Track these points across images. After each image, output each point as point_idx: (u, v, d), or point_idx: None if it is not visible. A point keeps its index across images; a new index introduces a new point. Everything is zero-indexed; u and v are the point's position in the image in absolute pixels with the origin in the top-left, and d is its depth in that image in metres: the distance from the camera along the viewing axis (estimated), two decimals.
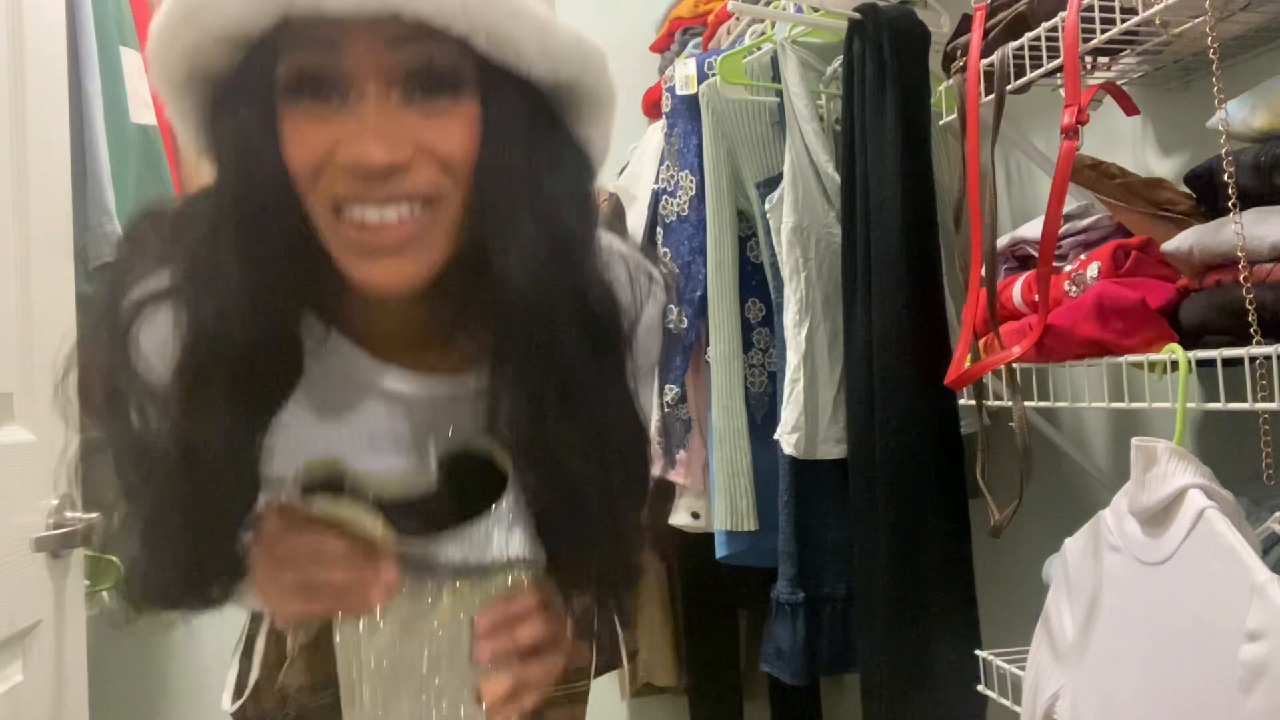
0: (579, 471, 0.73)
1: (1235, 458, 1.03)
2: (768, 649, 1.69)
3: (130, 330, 0.71)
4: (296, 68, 0.65)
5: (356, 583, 0.71)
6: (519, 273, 0.67)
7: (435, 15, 0.62)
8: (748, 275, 1.76)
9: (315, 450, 0.76)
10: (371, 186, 0.65)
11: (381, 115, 0.64)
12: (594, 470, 0.74)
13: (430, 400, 0.79)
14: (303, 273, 0.69)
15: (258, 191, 0.66)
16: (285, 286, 0.68)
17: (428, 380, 0.78)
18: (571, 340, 0.71)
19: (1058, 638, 1.05)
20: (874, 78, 1.46)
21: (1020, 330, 1.19)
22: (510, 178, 0.67)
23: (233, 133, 0.67)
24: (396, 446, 0.80)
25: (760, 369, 1.76)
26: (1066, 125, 1.05)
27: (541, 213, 0.68)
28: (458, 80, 0.66)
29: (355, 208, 0.66)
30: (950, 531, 1.41)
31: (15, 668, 1.11)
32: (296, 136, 0.65)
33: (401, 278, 0.68)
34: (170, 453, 0.69)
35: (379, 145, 0.63)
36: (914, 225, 1.42)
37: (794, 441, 1.59)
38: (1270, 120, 0.95)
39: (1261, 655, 0.76)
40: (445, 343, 0.77)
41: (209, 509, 0.72)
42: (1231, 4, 1.03)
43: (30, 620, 1.13)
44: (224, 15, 0.63)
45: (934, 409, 1.40)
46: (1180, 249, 1.02)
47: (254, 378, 0.69)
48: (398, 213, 0.66)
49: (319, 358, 0.74)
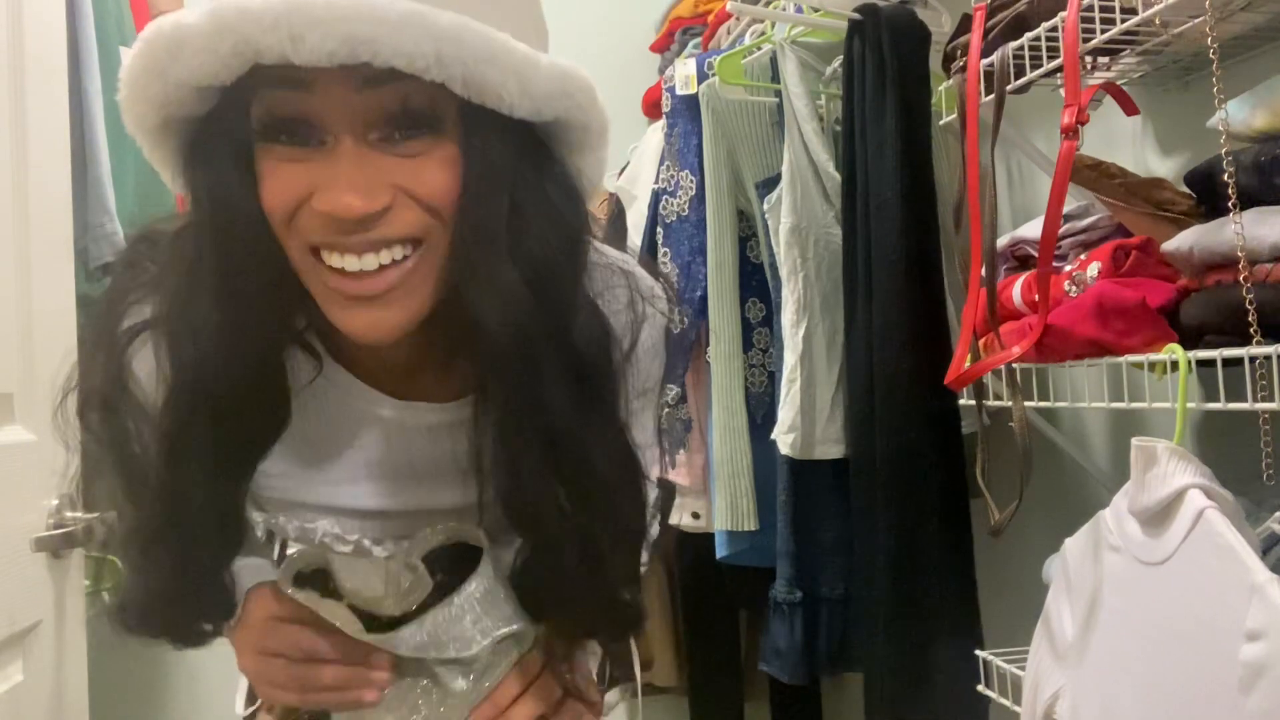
0: (558, 532, 0.72)
1: (1235, 458, 1.03)
2: (766, 648, 1.69)
3: (125, 355, 0.70)
4: (270, 111, 0.63)
5: (348, 680, 0.73)
6: (497, 319, 0.65)
7: (407, 65, 0.60)
8: (748, 275, 1.76)
9: (309, 486, 0.76)
10: (350, 235, 0.63)
11: (358, 162, 0.62)
12: (578, 526, 0.72)
13: (423, 429, 0.77)
14: (284, 313, 0.68)
15: (234, 234, 0.64)
16: (264, 330, 0.67)
17: (418, 408, 0.77)
18: (556, 385, 0.69)
19: (1058, 638, 1.05)
20: (874, 78, 1.46)
21: (1020, 330, 1.19)
22: (491, 220, 0.65)
23: (208, 176, 0.65)
24: (389, 475, 0.78)
25: (760, 369, 1.76)
26: (1066, 125, 1.05)
27: (524, 254, 0.66)
28: (437, 120, 0.64)
29: (334, 255, 0.64)
30: (951, 531, 1.41)
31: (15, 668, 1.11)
32: (272, 179, 0.64)
33: (384, 327, 0.66)
34: (159, 488, 0.69)
35: (356, 195, 0.62)
36: (914, 225, 1.42)
37: (790, 441, 1.59)
38: (1270, 120, 0.95)
39: (1261, 655, 0.76)
40: (436, 374, 0.76)
41: (195, 550, 0.72)
42: (1231, 4, 1.03)
43: (30, 620, 1.13)
44: (190, 68, 0.61)
45: (934, 409, 1.40)
46: (1180, 249, 1.02)
47: (237, 422, 0.68)
48: (378, 260, 0.64)
49: (313, 391, 0.73)
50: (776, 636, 1.66)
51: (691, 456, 1.82)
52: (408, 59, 0.59)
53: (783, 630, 1.65)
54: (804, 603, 1.64)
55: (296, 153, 0.63)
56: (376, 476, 0.78)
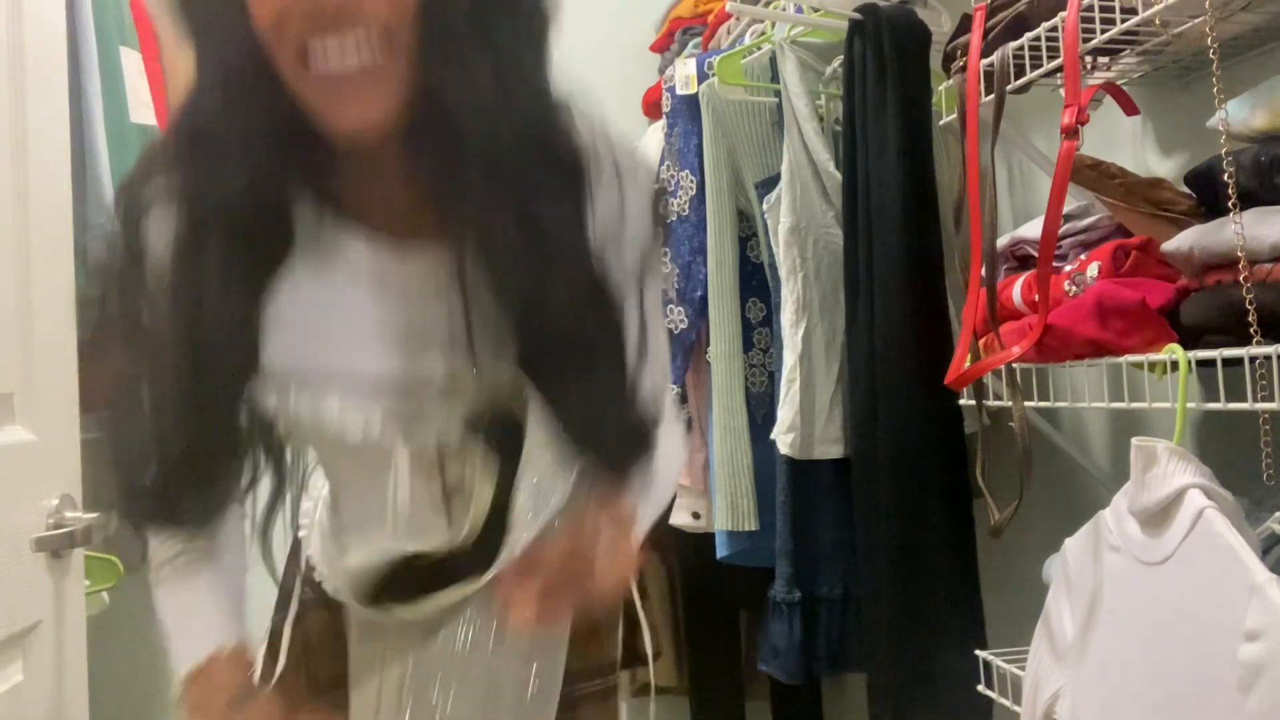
0: (545, 298, 0.73)
1: (1235, 458, 1.03)
2: (765, 648, 1.69)
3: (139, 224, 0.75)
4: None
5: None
6: (468, 96, 0.68)
7: None
8: (748, 275, 1.76)
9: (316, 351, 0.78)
10: (328, 22, 0.66)
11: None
12: (561, 303, 0.73)
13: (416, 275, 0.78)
14: (285, 135, 0.71)
15: (233, 55, 0.69)
16: (270, 147, 0.71)
17: (409, 248, 0.78)
18: (527, 171, 0.71)
19: (1058, 637, 1.05)
20: (874, 78, 1.46)
21: (1020, 330, 1.19)
22: (456, 10, 0.68)
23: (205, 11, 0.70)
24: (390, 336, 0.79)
25: (760, 369, 1.76)
26: (1066, 125, 1.05)
27: (487, 40, 0.69)
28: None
29: (317, 48, 0.67)
30: (953, 531, 1.41)
31: (15, 668, 1.11)
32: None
33: (369, 115, 0.69)
34: (174, 329, 0.73)
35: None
36: (914, 225, 1.42)
37: (790, 441, 1.59)
38: (1270, 120, 0.95)
39: (1260, 655, 0.76)
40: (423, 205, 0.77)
41: (211, 381, 0.73)
42: (1231, 4, 1.03)
43: (30, 620, 1.13)
44: None
45: (936, 409, 1.40)
46: (1180, 249, 1.02)
47: (248, 240, 0.72)
48: (357, 52, 0.67)
49: (313, 238, 0.76)
50: (775, 636, 1.66)
51: (692, 456, 1.82)
52: None
53: (782, 630, 1.65)
54: (803, 602, 1.64)
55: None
56: (378, 337, 0.79)
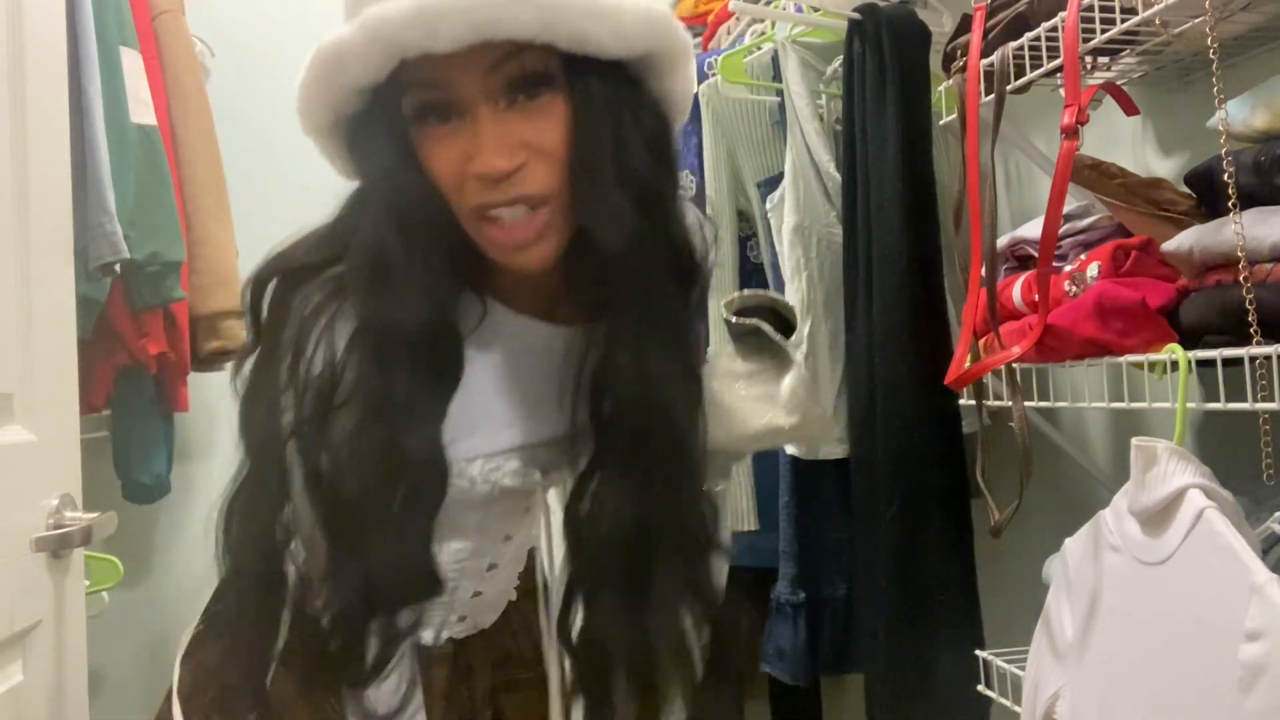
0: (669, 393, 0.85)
1: (1235, 458, 1.03)
2: (768, 649, 1.68)
3: (310, 338, 0.80)
4: (419, 100, 0.78)
5: None
6: (614, 236, 0.79)
7: (520, 34, 0.74)
8: (748, 275, 1.76)
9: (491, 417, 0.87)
10: (500, 190, 0.78)
11: (495, 127, 0.77)
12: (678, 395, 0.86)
13: (567, 345, 0.88)
14: (455, 265, 0.81)
15: (404, 200, 0.79)
16: (441, 278, 0.80)
17: (564, 330, 0.90)
18: (662, 282, 0.84)
19: (1058, 638, 1.05)
20: (874, 78, 1.46)
21: (1020, 330, 1.19)
22: (599, 152, 0.79)
23: (376, 155, 0.80)
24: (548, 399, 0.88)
25: None
26: (1066, 125, 1.05)
27: (628, 177, 0.79)
28: (549, 78, 0.78)
29: (491, 210, 0.78)
30: (953, 531, 1.41)
31: (15, 668, 1.11)
32: (434, 155, 0.79)
33: (536, 261, 0.81)
34: (360, 449, 0.77)
35: (499, 156, 0.76)
36: (914, 225, 1.42)
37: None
38: (1270, 120, 0.95)
39: (1261, 655, 0.76)
40: (575, 298, 0.89)
41: (406, 500, 0.79)
42: (1231, 4, 1.03)
43: (30, 620, 1.13)
44: (351, 73, 0.77)
45: (935, 409, 1.40)
46: (1180, 249, 1.02)
47: (423, 367, 0.80)
48: (526, 212, 0.78)
49: (481, 331, 0.86)
50: (779, 637, 1.66)
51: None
52: (520, 28, 0.74)
53: (786, 631, 1.64)
54: (807, 604, 1.64)
55: (446, 129, 0.78)
56: (531, 408, 0.89)
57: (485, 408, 0.87)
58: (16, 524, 1.11)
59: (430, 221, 0.79)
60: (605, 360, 0.84)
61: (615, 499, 0.85)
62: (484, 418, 0.87)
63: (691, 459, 0.87)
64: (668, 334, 0.84)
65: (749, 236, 1.77)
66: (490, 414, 0.88)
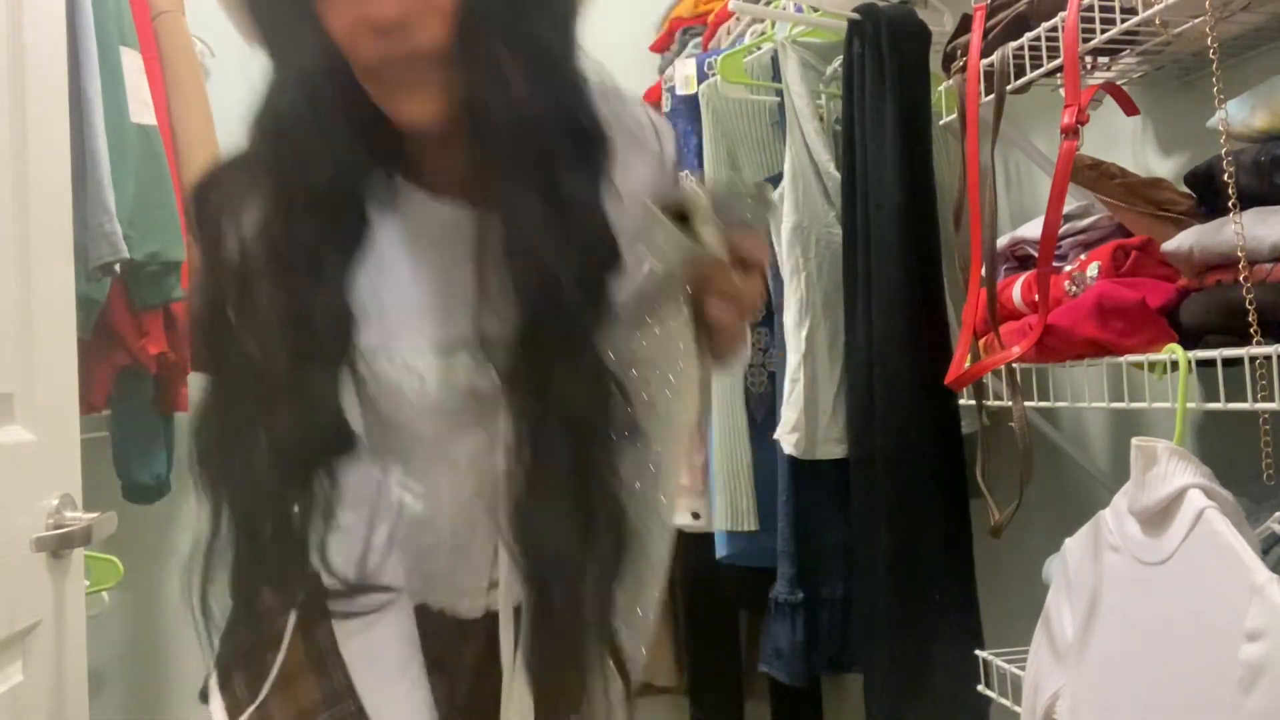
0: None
1: (1235, 458, 1.03)
2: (767, 649, 1.69)
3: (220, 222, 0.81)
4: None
5: None
6: (500, 95, 0.77)
7: None
8: None
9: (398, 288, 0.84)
10: (391, 41, 0.75)
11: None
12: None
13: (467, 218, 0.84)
14: (360, 122, 0.80)
15: (310, 58, 0.78)
16: (349, 134, 0.79)
17: (460, 203, 0.86)
18: (558, 149, 0.80)
19: (1058, 638, 1.05)
20: (874, 78, 1.46)
21: (1020, 330, 1.19)
22: (489, 6, 0.76)
23: (275, 14, 0.79)
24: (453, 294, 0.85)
25: (760, 369, 1.76)
26: (1066, 125, 1.05)
27: (520, 35, 0.77)
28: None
29: (381, 60, 0.76)
30: (951, 531, 1.41)
31: (15, 668, 1.11)
32: (329, 6, 0.76)
33: (423, 113, 0.78)
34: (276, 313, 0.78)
35: (388, 2, 0.74)
36: (914, 225, 1.42)
37: (794, 442, 1.59)
38: (1270, 120, 0.95)
39: (1261, 655, 0.76)
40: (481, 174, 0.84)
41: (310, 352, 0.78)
42: (1231, 4, 1.03)
43: (30, 620, 1.13)
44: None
45: (935, 409, 1.40)
46: (1180, 249, 1.02)
47: (335, 223, 0.80)
48: (415, 62, 0.76)
49: (387, 204, 0.84)
50: (778, 637, 1.66)
51: (691, 456, 1.82)
52: None
53: (784, 631, 1.65)
54: (806, 603, 1.64)
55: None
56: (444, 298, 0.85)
57: (412, 299, 0.84)
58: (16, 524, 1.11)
59: (328, 78, 0.78)
60: (505, 239, 0.79)
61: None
62: (412, 310, 0.84)
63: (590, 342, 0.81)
64: (567, 208, 0.79)
65: None
66: (423, 306, 0.85)
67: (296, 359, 0.78)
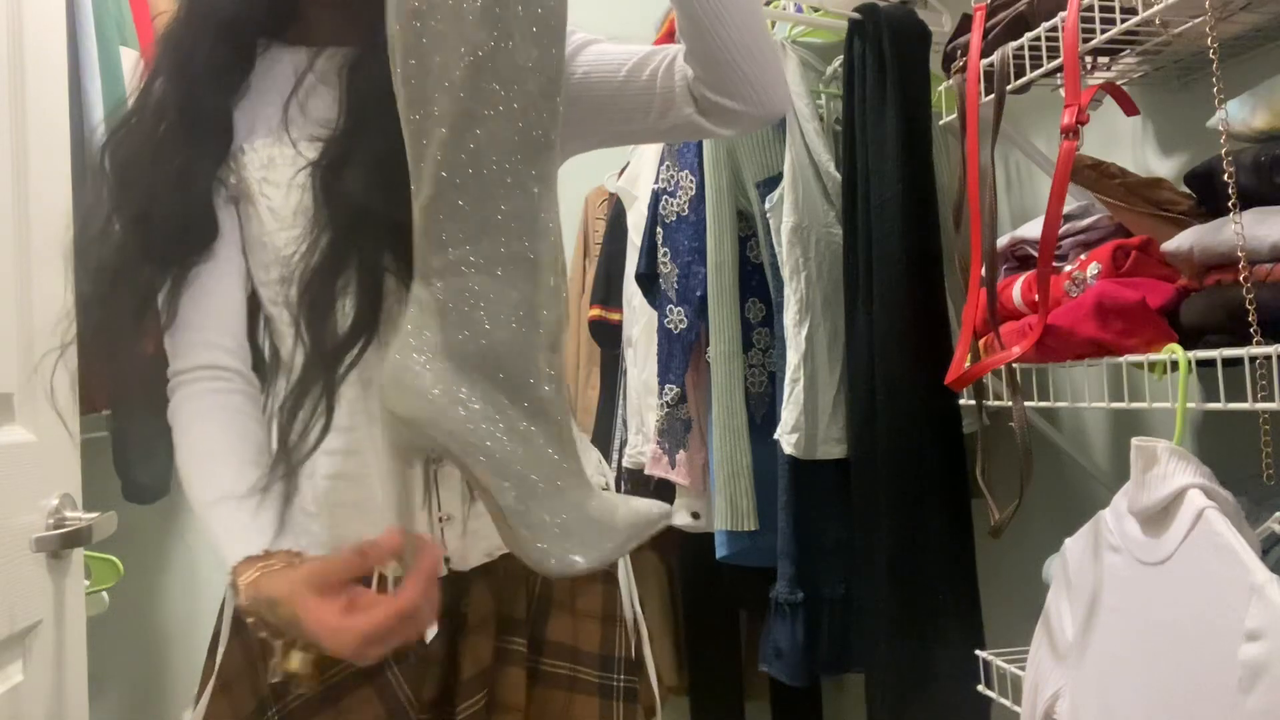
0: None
1: (1235, 458, 1.03)
2: (767, 649, 1.68)
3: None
4: None
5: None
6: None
7: None
8: (748, 275, 1.75)
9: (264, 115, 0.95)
10: None
11: None
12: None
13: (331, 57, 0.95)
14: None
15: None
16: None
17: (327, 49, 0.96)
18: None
19: (1058, 638, 1.05)
20: (874, 78, 1.46)
21: (1020, 330, 1.19)
22: None
23: None
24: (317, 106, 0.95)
25: (760, 369, 1.76)
26: (1066, 125, 1.05)
27: None
28: None
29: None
30: (952, 531, 1.41)
31: (15, 668, 1.11)
32: None
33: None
34: (174, 114, 0.92)
35: None
36: (914, 225, 1.42)
37: (794, 441, 1.59)
38: (1270, 120, 0.95)
39: (1261, 655, 0.76)
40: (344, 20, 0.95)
41: (199, 155, 0.91)
42: (1231, 4, 1.03)
43: (30, 620, 1.13)
44: None
45: (935, 409, 1.40)
46: (1180, 249, 1.02)
47: (227, 46, 0.93)
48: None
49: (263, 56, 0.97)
50: (778, 637, 1.66)
51: (691, 456, 1.82)
52: None
53: (785, 631, 1.64)
54: (806, 603, 1.64)
55: None
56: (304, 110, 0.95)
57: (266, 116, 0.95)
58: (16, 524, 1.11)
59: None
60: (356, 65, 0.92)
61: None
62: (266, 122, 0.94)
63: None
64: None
65: (749, 236, 1.77)
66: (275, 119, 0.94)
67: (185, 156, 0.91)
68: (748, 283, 1.75)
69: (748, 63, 0.87)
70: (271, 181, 0.92)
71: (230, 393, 0.93)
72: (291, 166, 0.91)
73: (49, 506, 1.16)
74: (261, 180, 0.93)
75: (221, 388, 0.93)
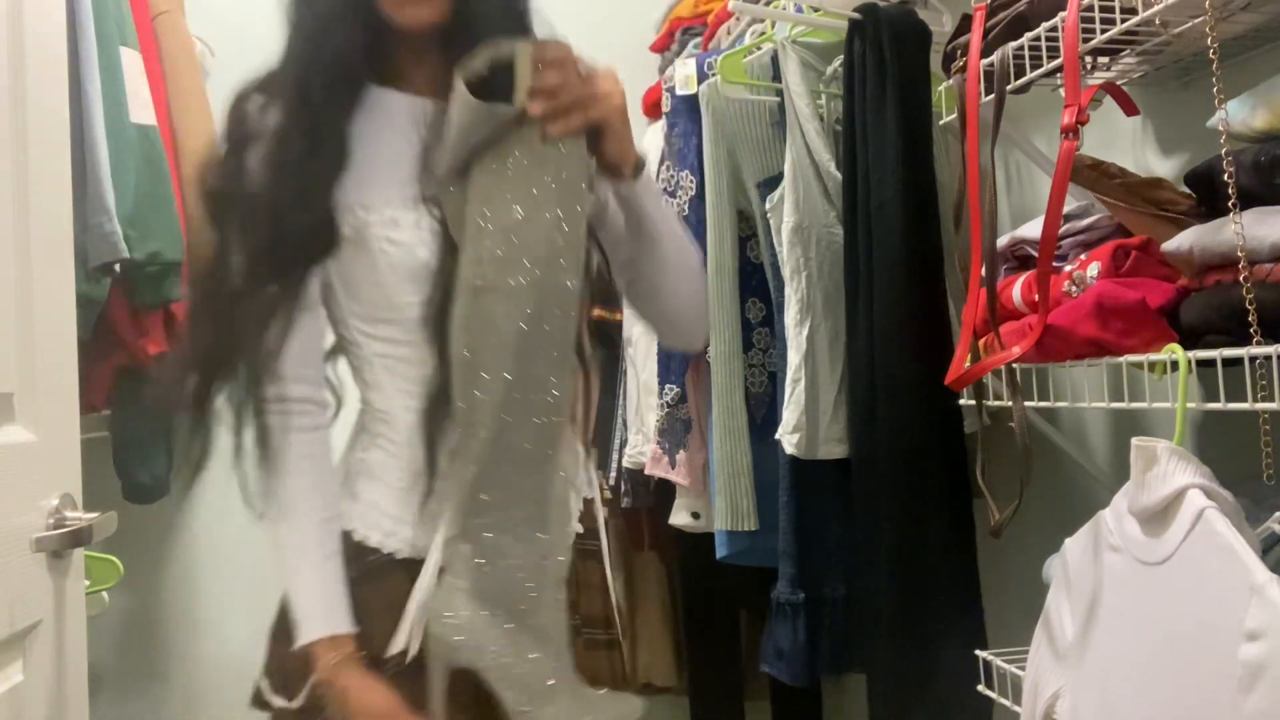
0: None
1: (1235, 458, 1.03)
2: (768, 649, 1.68)
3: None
4: None
5: None
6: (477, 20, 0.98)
7: None
8: (748, 275, 1.76)
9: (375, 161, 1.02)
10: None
11: None
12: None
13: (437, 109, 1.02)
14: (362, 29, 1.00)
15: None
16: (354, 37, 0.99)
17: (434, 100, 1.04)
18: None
19: (1058, 638, 1.05)
20: (874, 78, 1.46)
21: (1020, 330, 1.19)
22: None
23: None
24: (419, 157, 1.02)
25: (760, 369, 1.76)
26: (1066, 125, 1.05)
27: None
28: None
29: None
30: (953, 531, 1.41)
31: (15, 668, 1.11)
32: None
33: (425, 14, 0.99)
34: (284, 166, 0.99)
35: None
36: (914, 225, 1.42)
37: (795, 441, 1.59)
38: (1270, 120, 0.95)
39: (1261, 655, 0.76)
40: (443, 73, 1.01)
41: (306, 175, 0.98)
42: (1231, 4, 1.03)
43: (30, 620, 1.13)
44: None
45: (936, 409, 1.40)
46: (1180, 249, 1.02)
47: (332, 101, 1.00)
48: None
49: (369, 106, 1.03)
50: (779, 637, 1.66)
51: (691, 456, 1.82)
52: None
53: (785, 631, 1.64)
54: (807, 603, 1.64)
55: None
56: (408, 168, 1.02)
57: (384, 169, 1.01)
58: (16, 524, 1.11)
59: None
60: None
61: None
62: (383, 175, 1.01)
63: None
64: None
65: (749, 236, 1.77)
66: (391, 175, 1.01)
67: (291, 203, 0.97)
68: (748, 283, 1.75)
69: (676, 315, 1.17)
70: (395, 241, 0.99)
71: (318, 429, 1.02)
72: (416, 228, 0.99)
73: (49, 506, 1.16)
74: (384, 239, 0.99)
75: (309, 424, 1.01)
